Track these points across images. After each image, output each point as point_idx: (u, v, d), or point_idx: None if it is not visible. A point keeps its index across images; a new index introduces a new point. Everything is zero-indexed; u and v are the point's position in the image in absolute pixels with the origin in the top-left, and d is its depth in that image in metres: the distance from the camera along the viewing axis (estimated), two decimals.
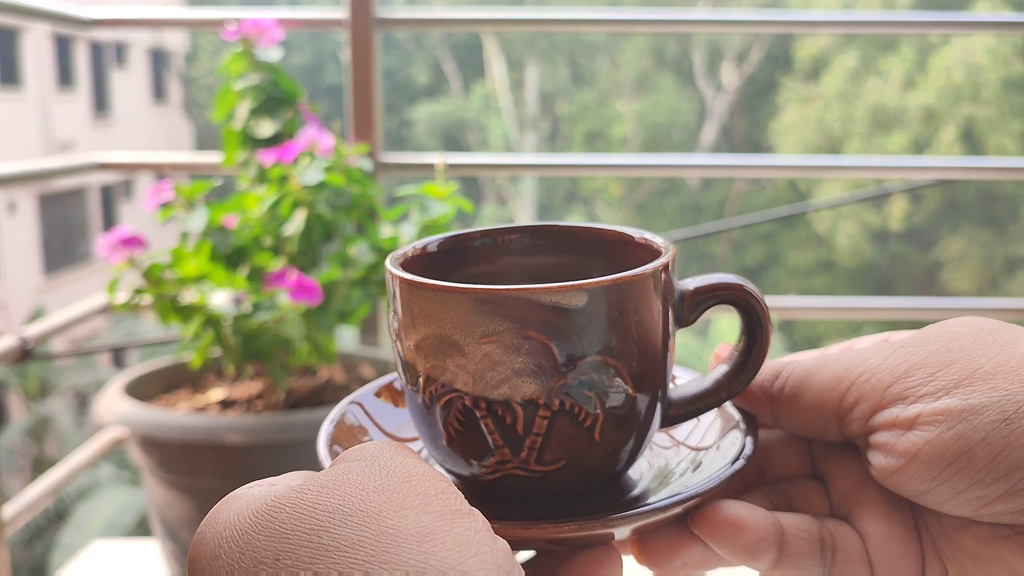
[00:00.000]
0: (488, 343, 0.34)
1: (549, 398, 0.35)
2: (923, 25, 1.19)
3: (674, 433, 0.43)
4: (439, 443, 0.38)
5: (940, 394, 0.35)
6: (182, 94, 15.64)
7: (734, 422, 0.41)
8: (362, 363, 1.10)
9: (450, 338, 0.35)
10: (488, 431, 0.36)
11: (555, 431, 0.35)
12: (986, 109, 13.13)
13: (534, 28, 1.24)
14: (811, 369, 0.40)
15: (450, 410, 0.36)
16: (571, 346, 0.34)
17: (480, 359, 0.35)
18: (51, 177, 1.10)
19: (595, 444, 0.36)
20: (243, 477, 0.92)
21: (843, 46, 14.18)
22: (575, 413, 0.35)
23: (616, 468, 0.38)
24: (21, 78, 11.26)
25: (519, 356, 0.34)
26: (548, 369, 0.35)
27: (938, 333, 0.38)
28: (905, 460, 0.36)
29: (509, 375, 0.35)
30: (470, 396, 0.35)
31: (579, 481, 0.37)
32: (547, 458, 0.36)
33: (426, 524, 0.26)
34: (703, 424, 0.43)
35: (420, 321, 0.36)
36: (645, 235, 0.41)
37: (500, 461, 0.36)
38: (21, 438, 8.23)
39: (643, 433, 0.38)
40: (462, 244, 0.43)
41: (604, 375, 0.35)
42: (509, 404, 0.35)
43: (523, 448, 0.36)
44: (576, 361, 0.35)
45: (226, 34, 1.03)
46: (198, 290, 0.95)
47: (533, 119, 16.16)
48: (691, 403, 0.41)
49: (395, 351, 0.39)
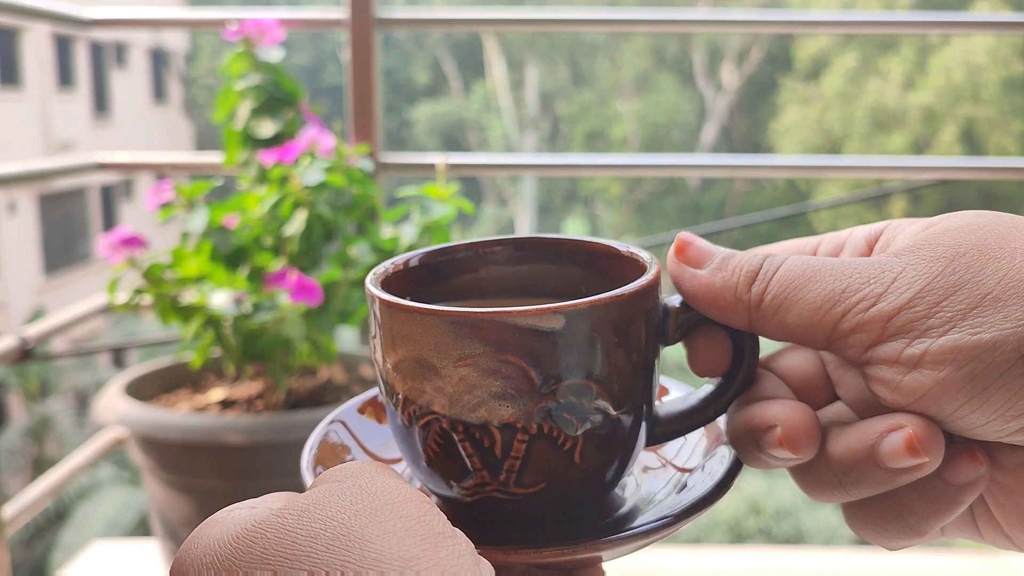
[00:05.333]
0: (464, 366, 0.34)
1: (527, 422, 0.34)
2: (923, 25, 1.19)
3: (660, 452, 0.43)
4: (420, 463, 0.37)
5: (947, 328, 0.33)
6: (182, 94, 15.64)
7: (723, 440, 0.40)
8: (362, 363, 1.10)
9: (427, 360, 0.34)
10: (466, 454, 0.35)
11: (534, 455, 0.35)
12: (986, 109, 13.13)
13: (534, 28, 1.24)
14: (797, 280, 0.36)
15: (429, 432, 0.36)
16: (549, 369, 0.34)
17: (457, 382, 0.34)
18: (51, 177, 1.10)
19: (575, 467, 0.35)
20: (243, 477, 0.93)
21: (843, 46, 14.18)
22: (554, 436, 0.35)
23: (599, 490, 0.37)
24: (21, 78, 11.26)
25: (496, 379, 0.34)
26: (526, 392, 0.34)
27: (940, 248, 0.34)
28: (912, 399, 0.33)
29: (486, 398, 0.34)
30: (447, 419, 0.35)
31: (560, 503, 0.36)
32: (526, 481, 0.35)
33: (409, 548, 0.26)
34: (690, 442, 0.42)
35: (399, 342, 0.35)
36: (631, 249, 0.40)
37: (479, 484, 0.36)
38: (21, 438, 8.23)
39: (626, 454, 0.37)
40: (445, 257, 0.42)
41: (584, 398, 0.35)
42: (487, 428, 0.34)
43: (502, 471, 0.35)
44: (554, 384, 0.34)
45: (227, 34, 1.03)
46: (198, 290, 0.95)
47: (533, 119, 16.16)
48: (677, 422, 0.40)
49: (376, 369, 0.38)
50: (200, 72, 16.69)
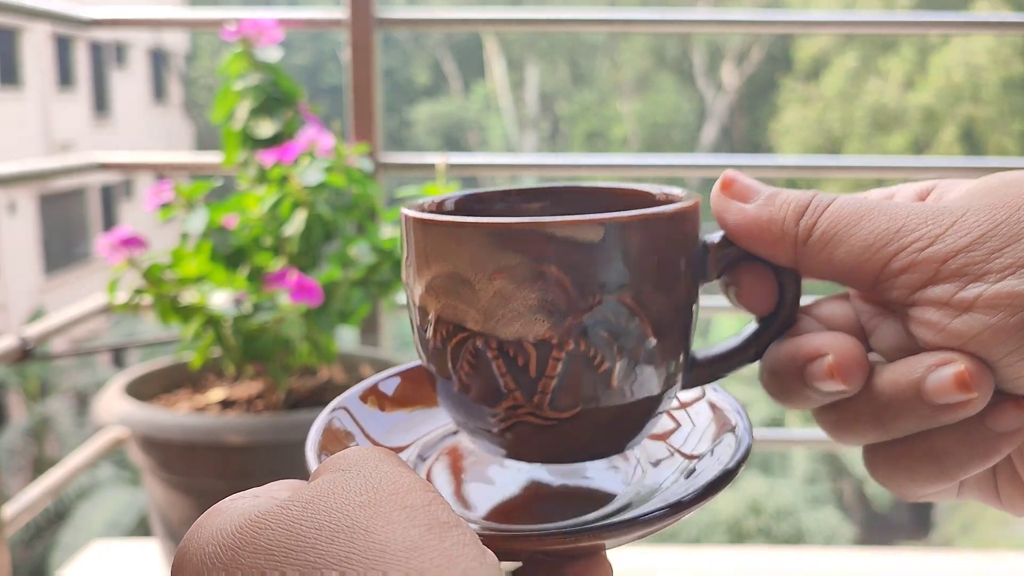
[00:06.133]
0: (500, 279, 0.33)
1: (563, 338, 0.33)
2: (923, 25, 1.19)
3: (668, 440, 0.42)
4: (451, 392, 0.36)
5: (1006, 273, 0.32)
6: (182, 94, 15.64)
7: (730, 426, 0.40)
8: (362, 363, 1.10)
9: (462, 275, 0.34)
10: (499, 373, 0.34)
11: (569, 375, 0.34)
12: (986, 109, 13.13)
13: (534, 28, 1.24)
14: (849, 217, 0.35)
15: (461, 352, 0.35)
16: (587, 284, 0.33)
17: (491, 296, 0.33)
18: (51, 177, 1.10)
19: (611, 392, 0.35)
20: (243, 477, 0.93)
21: (843, 46, 14.18)
22: (590, 356, 0.34)
23: (633, 421, 0.36)
24: (21, 78, 11.27)
25: (532, 293, 0.33)
26: (562, 307, 0.33)
27: (1004, 198, 0.34)
28: (959, 343, 0.33)
29: (522, 312, 0.33)
30: (481, 336, 0.34)
31: (594, 432, 0.36)
32: (561, 403, 0.34)
33: (414, 538, 0.26)
34: (698, 429, 0.42)
35: (432, 260, 0.34)
36: (665, 190, 0.40)
37: (512, 406, 0.35)
38: (21, 438, 8.23)
39: (664, 387, 0.36)
40: (480, 204, 0.42)
41: (621, 317, 0.34)
42: (521, 344, 0.33)
43: (536, 392, 0.34)
44: (592, 300, 0.33)
45: (226, 34, 1.03)
46: (198, 290, 0.95)
47: (533, 119, 16.16)
48: (716, 362, 0.39)
49: (408, 300, 0.37)
50: (200, 72, 16.69)
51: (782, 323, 0.38)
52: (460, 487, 0.40)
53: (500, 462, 0.41)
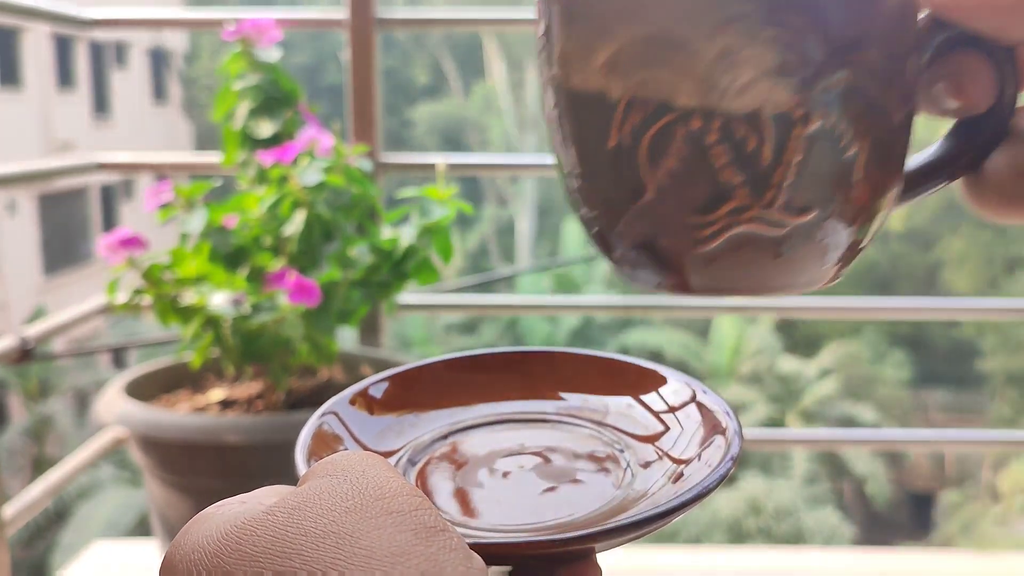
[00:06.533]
0: (726, 34, 0.26)
1: (809, 109, 0.26)
2: None
3: (657, 443, 0.42)
4: (638, 208, 0.29)
5: None
6: (182, 94, 15.64)
7: (720, 428, 0.39)
8: (362, 363, 1.10)
9: (669, 35, 0.26)
10: (720, 166, 0.27)
11: (812, 161, 0.27)
12: None
13: (534, 28, 1.24)
14: None
15: (666, 144, 0.27)
16: (841, 36, 0.26)
17: (715, 58, 0.26)
18: (51, 177, 1.10)
19: (853, 188, 0.28)
20: (243, 477, 0.93)
21: None
22: (837, 136, 0.27)
23: (862, 235, 0.30)
24: (21, 78, 11.27)
25: (771, 49, 0.26)
26: (810, 66, 0.26)
27: None
28: None
29: (756, 76, 0.26)
30: (698, 114, 0.27)
31: (820, 251, 0.29)
32: (797, 202, 0.27)
33: (400, 543, 0.26)
34: (687, 432, 0.42)
35: (617, 23, 0.27)
36: None
37: (735, 209, 0.28)
38: (21, 438, 8.23)
39: (897, 189, 0.30)
40: None
41: (871, 86, 0.27)
42: (756, 119, 0.26)
43: (770, 185, 0.27)
44: (842, 59, 0.26)
45: (226, 34, 1.03)
46: (198, 291, 0.95)
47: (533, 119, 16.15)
48: (926, 170, 0.32)
49: (557, 104, 0.30)
50: (200, 72, 16.69)
51: (1000, 122, 0.31)
52: (449, 492, 0.40)
53: (490, 466, 0.41)
